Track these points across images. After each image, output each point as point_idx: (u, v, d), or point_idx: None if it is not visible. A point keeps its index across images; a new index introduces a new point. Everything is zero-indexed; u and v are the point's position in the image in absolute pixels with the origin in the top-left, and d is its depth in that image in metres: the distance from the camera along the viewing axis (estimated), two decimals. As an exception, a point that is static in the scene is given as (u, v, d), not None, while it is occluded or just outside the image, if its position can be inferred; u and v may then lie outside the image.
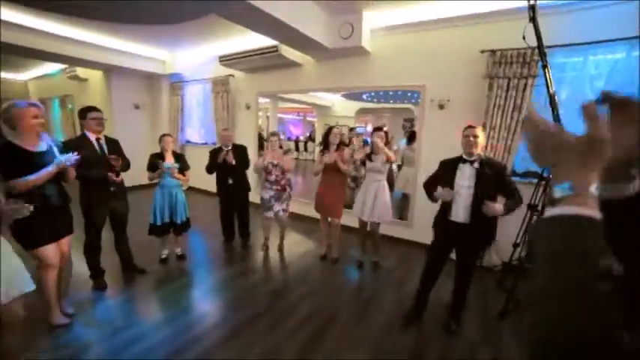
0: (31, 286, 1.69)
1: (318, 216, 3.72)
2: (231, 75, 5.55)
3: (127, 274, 3.03)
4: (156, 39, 5.30)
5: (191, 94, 6.59)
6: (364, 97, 7.36)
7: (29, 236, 2.01)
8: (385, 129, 3.76)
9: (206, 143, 6.44)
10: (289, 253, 3.75)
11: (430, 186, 2.42)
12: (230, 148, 3.53)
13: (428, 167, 3.75)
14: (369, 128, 4.51)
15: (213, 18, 3.76)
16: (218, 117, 5.76)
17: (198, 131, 6.71)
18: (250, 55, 4.65)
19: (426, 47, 3.66)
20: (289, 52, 4.46)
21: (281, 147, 3.54)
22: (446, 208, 2.29)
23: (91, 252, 2.73)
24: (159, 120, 7.10)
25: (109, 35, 5.14)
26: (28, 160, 1.92)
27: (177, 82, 6.57)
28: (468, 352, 2.18)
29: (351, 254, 3.71)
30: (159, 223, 3.15)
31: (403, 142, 4.87)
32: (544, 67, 2.30)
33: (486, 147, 3.15)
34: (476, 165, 2.15)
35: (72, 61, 5.79)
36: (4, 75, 9.23)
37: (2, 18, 4.25)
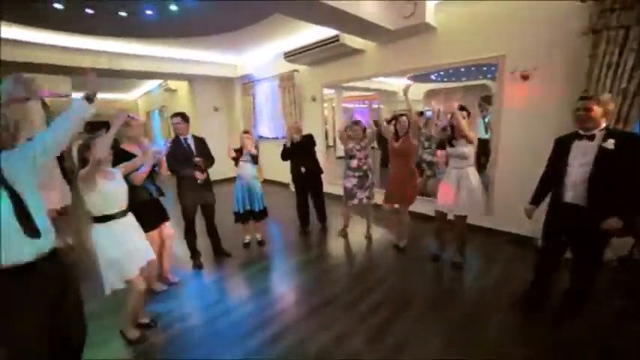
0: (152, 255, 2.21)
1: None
2: (295, 70, 5.75)
3: (216, 256, 3.46)
4: (227, 45, 5.76)
5: (261, 92, 7.06)
6: (432, 77, 6.83)
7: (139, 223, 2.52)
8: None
9: (277, 137, 6.84)
10: (360, 240, 3.77)
11: (544, 180, 2.22)
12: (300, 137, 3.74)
13: (508, 149, 3.39)
14: (439, 109, 4.20)
15: (276, 17, 3.96)
16: (286, 111, 6.06)
17: (268, 126, 7.16)
18: (312, 48, 4.74)
19: (503, 10, 3.19)
20: (351, 40, 4.41)
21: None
22: (557, 187, 2.06)
23: (189, 236, 3.19)
24: (234, 119, 7.82)
25: (190, 49, 5.81)
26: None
27: (247, 83, 7.11)
28: (569, 353, 1.90)
29: (426, 245, 3.56)
30: (241, 211, 3.49)
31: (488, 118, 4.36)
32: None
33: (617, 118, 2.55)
34: (597, 140, 1.86)
35: (166, 76, 6.84)
36: (122, 96, 11.36)
37: (117, 50, 5.22)
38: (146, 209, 2.50)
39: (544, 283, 2.26)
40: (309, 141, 3.82)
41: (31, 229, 1.30)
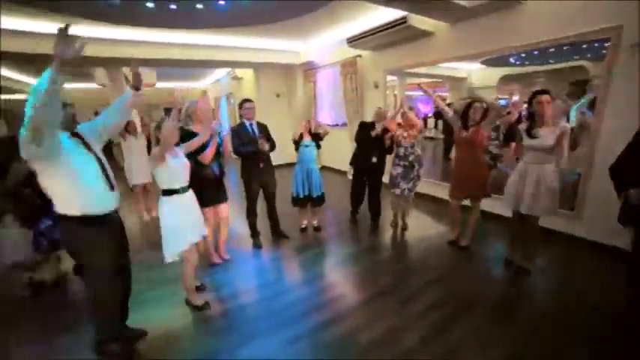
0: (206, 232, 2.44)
1: (446, 197, 3.40)
2: (358, 55, 5.61)
3: (275, 237, 3.63)
4: (290, 32, 5.82)
5: (322, 79, 7.06)
6: (512, 60, 6.02)
7: (200, 199, 2.71)
8: (515, 98, 3.12)
9: (337, 125, 6.81)
10: (416, 235, 3.62)
11: (624, 169, 1.84)
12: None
13: (614, 144, 2.80)
14: (515, 98, 3.72)
15: (340, 1, 3.88)
16: (348, 98, 5.98)
17: (329, 113, 7.15)
18: (377, 32, 4.54)
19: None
20: (419, 21, 4.12)
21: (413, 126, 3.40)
22: None
23: (250, 217, 3.38)
24: (296, 106, 7.99)
25: (256, 37, 6.01)
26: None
27: (309, 70, 7.16)
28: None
29: (489, 245, 3.27)
30: (300, 195, 3.58)
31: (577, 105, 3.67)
32: None
33: None
34: None
35: (233, 64, 7.25)
36: (193, 84, 12.43)
37: (189, 41, 5.64)
38: (207, 187, 2.70)
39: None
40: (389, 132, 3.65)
41: (111, 186, 1.69)
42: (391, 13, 4.22)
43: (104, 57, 5.14)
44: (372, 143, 3.56)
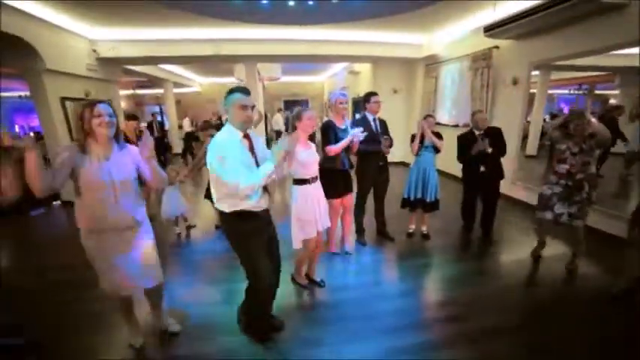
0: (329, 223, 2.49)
1: (618, 232, 2.55)
2: (495, 47, 4.83)
3: (379, 237, 3.51)
4: (414, 24, 5.46)
5: (445, 75, 6.41)
6: None
7: (326, 190, 2.79)
8: None
9: (457, 125, 6.12)
10: (554, 269, 2.87)
11: None
12: (482, 132, 3.15)
13: None
14: None
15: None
16: (475, 96, 5.27)
17: (449, 112, 6.47)
18: (533, 14, 3.69)
19: None
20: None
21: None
22: None
23: (358, 212, 3.32)
24: (413, 103, 7.59)
25: (376, 30, 5.85)
26: (337, 132, 2.71)
27: (431, 64, 6.61)
28: None
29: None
30: (412, 197, 3.35)
31: None
32: None
33: None
34: None
35: (353, 59, 7.33)
36: (312, 78, 13.27)
37: (314, 37, 5.90)
38: (335, 179, 2.75)
39: None
40: (497, 136, 3.16)
41: (265, 188, 1.78)
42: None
43: (241, 55, 6.05)
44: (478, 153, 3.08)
